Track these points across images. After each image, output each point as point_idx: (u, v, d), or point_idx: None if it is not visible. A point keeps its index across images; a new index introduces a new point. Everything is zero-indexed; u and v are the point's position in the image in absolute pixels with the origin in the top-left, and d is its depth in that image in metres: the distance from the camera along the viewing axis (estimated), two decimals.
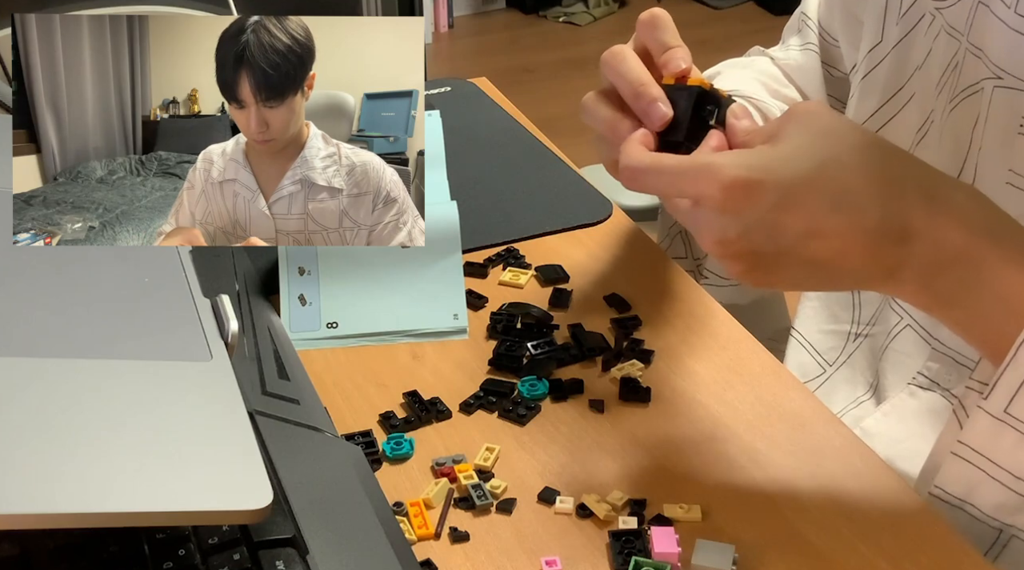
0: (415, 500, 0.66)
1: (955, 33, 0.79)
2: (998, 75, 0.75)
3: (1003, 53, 0.74)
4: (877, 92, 0.88)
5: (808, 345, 0.94)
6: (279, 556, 0.54)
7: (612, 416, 0.73)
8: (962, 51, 0.78)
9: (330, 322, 0.80)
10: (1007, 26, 0.73)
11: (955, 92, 0.79)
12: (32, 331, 0.58)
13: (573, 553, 0.63)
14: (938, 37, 0.81)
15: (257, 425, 0.62)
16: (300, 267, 0.82)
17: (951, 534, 0.64)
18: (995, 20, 0.74)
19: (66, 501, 0.47)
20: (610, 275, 0.86)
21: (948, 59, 0.80)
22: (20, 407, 0.52)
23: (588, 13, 3.96)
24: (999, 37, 0.74)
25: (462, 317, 0.81)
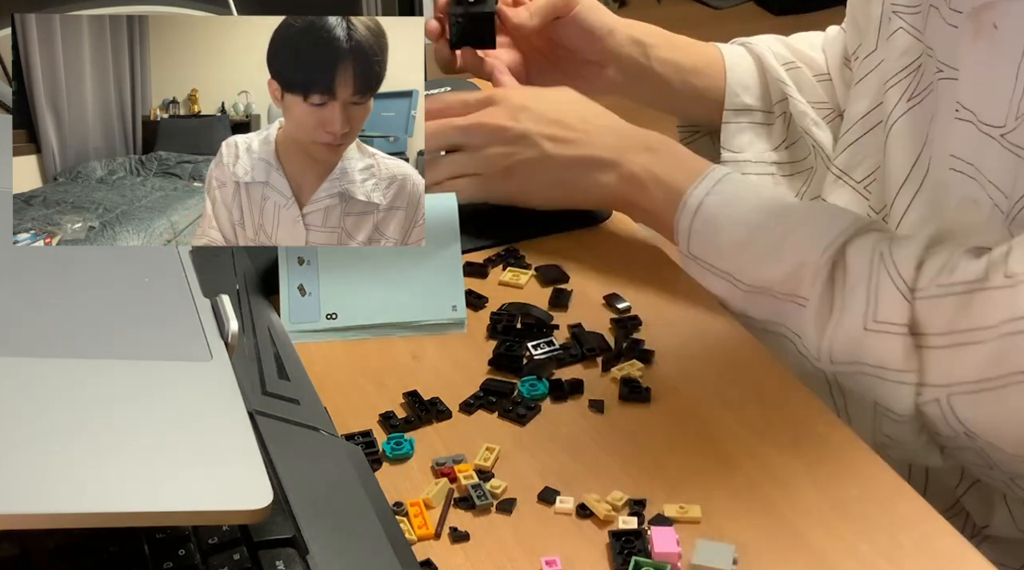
0: (415, 500, 0.66)
1: (919, 35, 0.85)
2: (940, 68, 0.81)
3: (942, 46, 0.80)
4: (867, 98, 0.92)
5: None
6: (279, 556, 0.54)
7: (612, 416, 0.73)
8: (924, 54, 0.84)
9: (329, 313, 0.80)
10: (944, 21, 0.80)
11: (914, 92, 0.85)
12: (32, 331, 0.58)
13: (573, 553, 0.63)
14: (910, 43, 0.87)
15: (257, 425, 0.62)
16: (300, 257, 0.81)
17: (951, 534, 0.65)
18: (939, 19, 0.81)
19: (66, 501, 0.47)
20: (610, 275, 0.86)
21: (910, 61, 0.86)
22: (20, 407, 0.52)
23: None
24: (940, 33, 0.81)
25: (460, 309, 0.81)
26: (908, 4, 0.87)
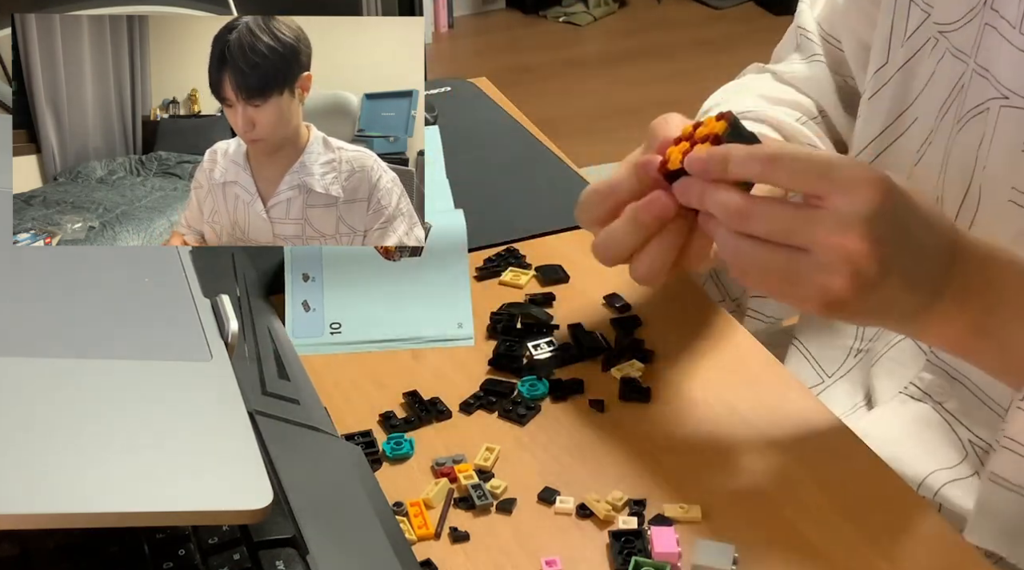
0: (415, 500, 0.66)
1: (961, 55, 0.79)
2: (1004, 95, 0.75)
3: (1010, 73, 0.75)
4: (882, 113, 0.87)
5: (808, 355, 0.94)
6: (279, 556, 0.54)
7: (612, 416, 0.73)
8: (968, 73, 0.78)
9: (333, 323, 0.80)
10: (1014, 46, 0.74)
11: (961, 113, 0.79)
12: (32, 331, 0.58)
13: (573, 553, 0.63)
14: (942, 59, 0.81)
15: (257, 425, 0.62)
16: (304, 273, 0.82)
17: (951, 534, 0.65)
18: (1002, 41, 0.75)
19: (66, 501, 0.47)
20: (610, 275, 0.86)
21: (954, 81, 0.80)
22: (20, 407, 0.52)
23: (588, 13, 3.95)
24: (1006, 57, 0.75)
25: (467, 326, 0.81)
26: (947, 21, 0.80)
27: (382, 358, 0.79)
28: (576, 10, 3.98)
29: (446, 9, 3.93)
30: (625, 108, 3.23)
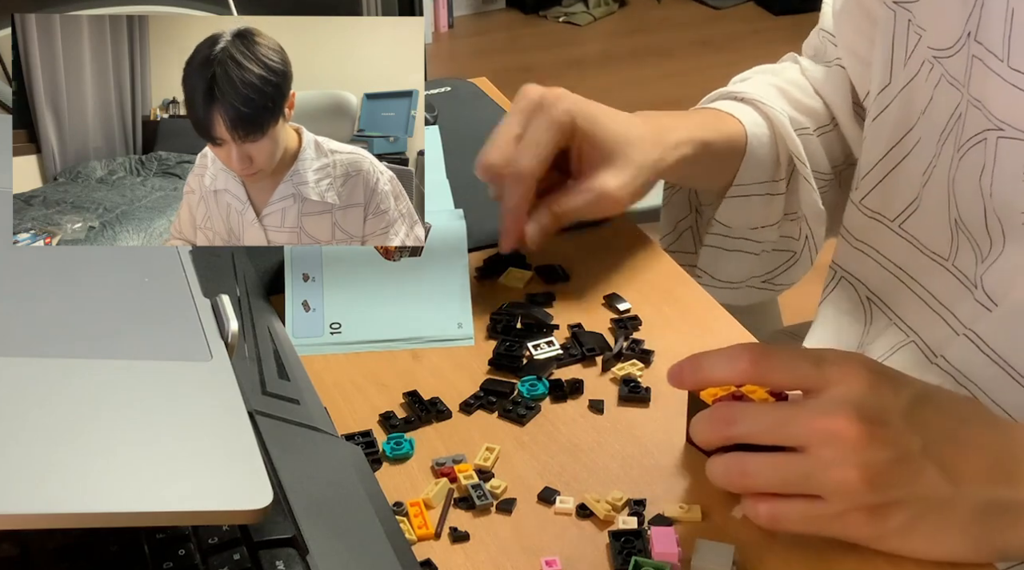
0: (415, 500, 0.66)
1: (956, 83, 0.79)
2: (999, 127, 0.75)
3: (1001, 106, 0.74)
4: (885, 136, 0.87)
5: None
6: (279, 556, 0.54)
7: (612, 416, 0.73)
8: (964, 102, 0.78)
9: (333, 323, 0.80)
10: (1003, 80, 0.73)
11: (960, 141, 0.79)
12: (32, 331, 0.58)
13: (573, 553, 0.63)
14: (939, 85, 0.81)
15: (257, 425, 0.62)
16: (304, 273, 0.82)
17: None
18: (991, 74, 0.74)
19: (66, 501, 0.47)
20: (610, 275, 0.86)
21: (952, 108, 0.80)
22: (20, 407, 0.52)
23: (588, 13, 3.96)
24: (997, 90, 0.74)
25: (467, 326, 0.81)
26: (939, 47, 0.79)
27: (382, 358, 0.79)
28: (576, 10, 3.98)
29: (446, 9, 3.93)
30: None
